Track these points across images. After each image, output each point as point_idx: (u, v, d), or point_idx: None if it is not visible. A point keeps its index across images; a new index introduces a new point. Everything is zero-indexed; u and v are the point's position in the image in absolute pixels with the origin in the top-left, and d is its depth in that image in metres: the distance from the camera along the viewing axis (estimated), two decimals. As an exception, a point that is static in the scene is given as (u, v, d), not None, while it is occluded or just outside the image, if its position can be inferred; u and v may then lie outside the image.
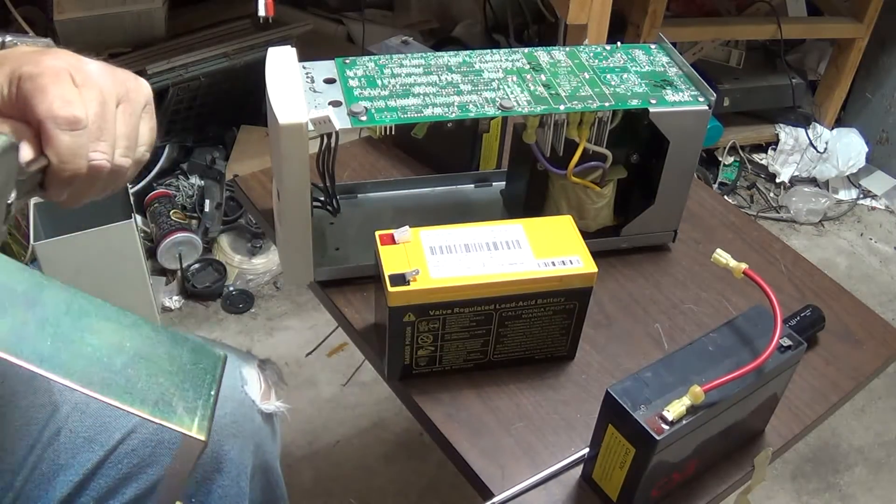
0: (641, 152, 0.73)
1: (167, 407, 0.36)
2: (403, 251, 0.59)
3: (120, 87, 0.48)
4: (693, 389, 0.51)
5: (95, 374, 0.36)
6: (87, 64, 0.48)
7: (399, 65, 0.67)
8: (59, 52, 0.48)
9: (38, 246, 1.28)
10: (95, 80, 0.47)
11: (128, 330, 0.38)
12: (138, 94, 0.50)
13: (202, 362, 0.39)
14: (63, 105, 0.44)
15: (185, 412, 0.37)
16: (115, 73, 0.49)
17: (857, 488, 1.34)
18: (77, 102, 0.45)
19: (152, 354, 0.38)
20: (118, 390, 0.36)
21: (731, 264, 0.59)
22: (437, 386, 0.63)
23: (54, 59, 0.47)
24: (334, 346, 1.43)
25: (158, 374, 0.37)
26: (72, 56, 0.49)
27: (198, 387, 0.38)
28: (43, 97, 0.44)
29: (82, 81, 0.46)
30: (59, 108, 0.44)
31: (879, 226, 1.89)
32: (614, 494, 0.56)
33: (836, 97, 1.93)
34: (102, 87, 0.47)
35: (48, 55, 0.47)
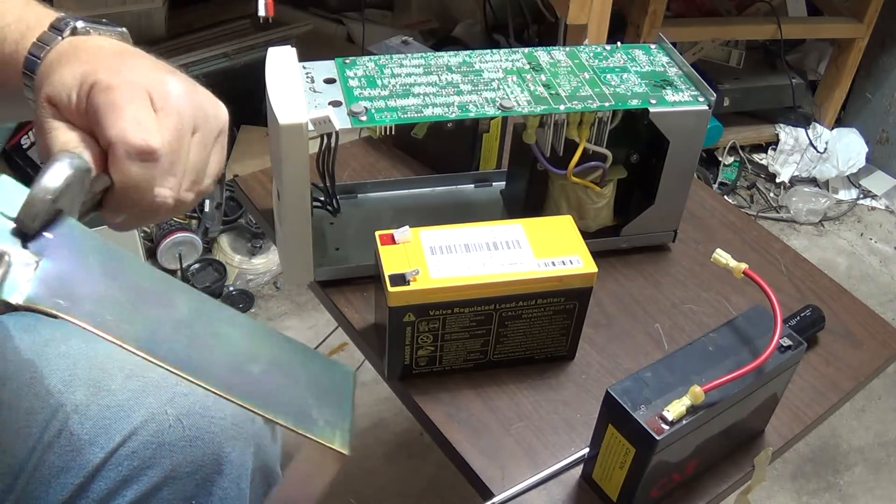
0: (641, 152, 0.73)
1: (308, 419, 0.35)
2: (403, 251, 0.59)
3: (198, 112, 0.45)
4: (693, 389, 0.51)
5: (235, 380, 0.34)
6: (168, 83, 0.44)
7: (399, 65, 0.67)
8: (137, 59, 0.45)
9: (38, 246, 1.28)
10: (175, 104, 0.43)
11: (260, 338, 0.37)
12: (216, 121, 0.46)
13: (335, 376, 0.37)
14: (137, 131, 0.41)
15: (326, 425, 0.35)
16: (196, 94, 0.45)
17: (857, 488, 1.34)
18: (153, 130, 0.41)
19: (287, 365, 0.36)
20: (260, 399, 0.34)
21: (731, 264, 0.59)
22: (437, 386, 0.63)
23: (133, 70, 0.43)
24: (334, 346, 1.43)
25: (295, 385, 0.36)
26: (151, 66, 0.45)
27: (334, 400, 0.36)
28: (116, 118, 0.41)
29: (161, 104, 0.43)
30: (132, 135, 0.41)
31: (879, 226, 1.89)
32: (614, 494, 0.56)
33: (836, 97, 1.93)
34: (181, 112, 0.43)
35: (127, 63, 0.43)
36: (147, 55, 0.46)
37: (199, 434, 0.58)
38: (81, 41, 0.46)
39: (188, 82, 0.45)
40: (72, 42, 0.46)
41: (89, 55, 0.44)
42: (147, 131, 0.41)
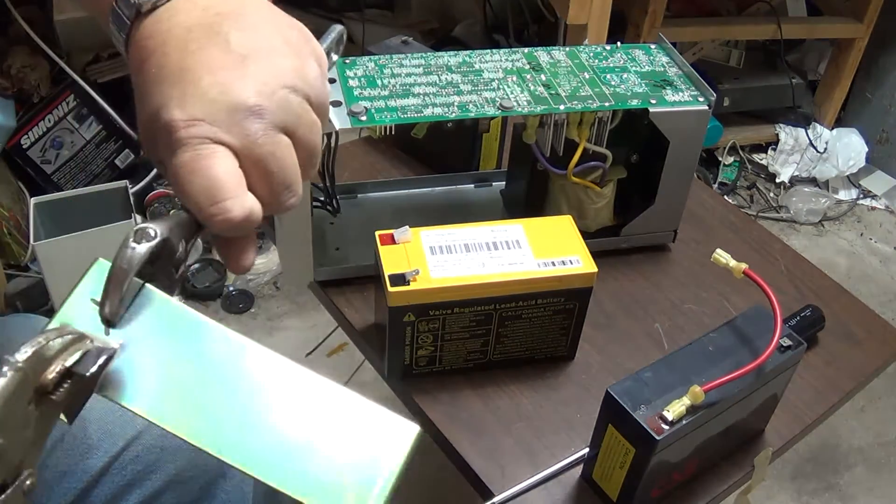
0: (641, 152, 0.73)
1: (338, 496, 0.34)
2: (403, 251, 0.59)
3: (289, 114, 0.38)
4: (693, 389, 0.51)
5: (277, 461, 0.34)
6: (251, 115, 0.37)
7: (399, 65, 0.67)
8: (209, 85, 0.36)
9: (37, 246, 1.28)
10: (263, 149, 0.37)
11: (316, 397, 0.35)
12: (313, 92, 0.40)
13: (392, 435, 0.35)
14: (209, 209, 0.36)
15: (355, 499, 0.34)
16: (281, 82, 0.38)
17: (857, 488, 1.34)
18: (229, 198, 0.36)
19: (339, 428, 0.35)
20: (295, 480, 0.34)
21: (731, 264, 0.59)
22: (437, 386, 0.63)
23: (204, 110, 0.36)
24: (334, 346, 1.43)
25: (339, 454, 0.34)
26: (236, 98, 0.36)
27: (377, 472, 0.35)
28: (184, 195, 0.36)
29: (246, 154, 0.37)
30: (206, 214, 0.36)
31: (879, 226, 1.89)
32: (614, 494, 0.56)
33: (836, 97, 1.93)
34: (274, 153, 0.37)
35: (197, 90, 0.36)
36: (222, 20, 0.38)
37: None
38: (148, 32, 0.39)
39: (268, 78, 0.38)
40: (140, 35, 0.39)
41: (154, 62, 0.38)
42: (220, 203, 0.36)
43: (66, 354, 0.34)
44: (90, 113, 1.58)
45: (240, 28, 0.38)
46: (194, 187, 0.36)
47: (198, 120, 0.36)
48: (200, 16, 0.38)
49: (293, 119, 0.38)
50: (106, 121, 1.60)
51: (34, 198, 1.39)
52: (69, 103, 1.56)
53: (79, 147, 1.59)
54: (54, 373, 0.33)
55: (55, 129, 1.56)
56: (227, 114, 0.36)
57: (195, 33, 0.38)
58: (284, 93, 0.38)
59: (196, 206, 0.37)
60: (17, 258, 1.50)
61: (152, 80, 0.38)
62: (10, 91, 1.52)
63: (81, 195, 1.43)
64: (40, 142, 1.56)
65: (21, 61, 1.53)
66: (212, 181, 0.36)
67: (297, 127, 0.39)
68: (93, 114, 1.58)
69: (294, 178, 0.39)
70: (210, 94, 0.36)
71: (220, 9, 0.39)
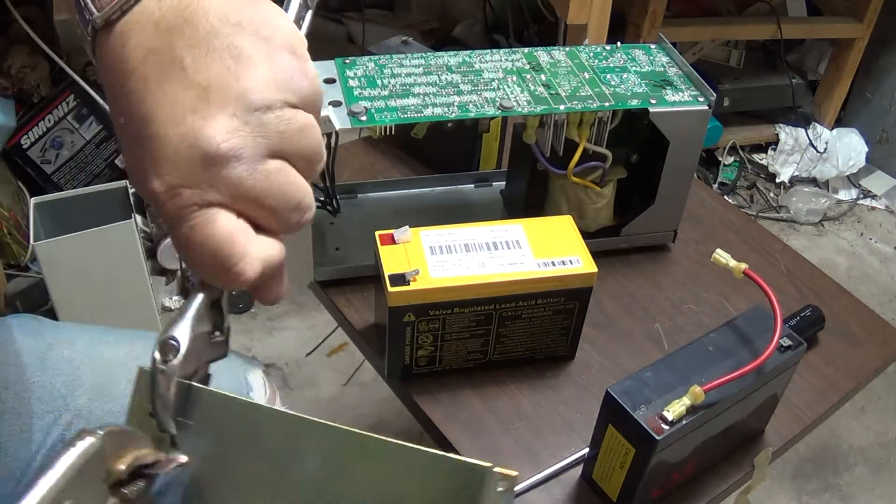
0: (641, 152, 0.73)
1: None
2: (403, 251, 0.59)
3: (286, 141, 0.36)
4: (693, 389, 0.51)
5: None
6: (230, 159, 0.34)
7: (399, 65, 0.67)
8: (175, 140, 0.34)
9: (37, 246, 1.28)
10: (255, 189, 0.35)
11: (387, 466, 0.35)
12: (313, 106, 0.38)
13: (466, 488, 0.34)
14: (224, 277, 0.35)
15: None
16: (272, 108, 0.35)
17: (857, 488, 1.34)
18: (239, 260, 0.35)
19: (416, 494, 0.34)
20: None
21: (731, 264, 0.59)
22: (437, 386, 0.63)
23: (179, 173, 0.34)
24: (334, 346, 1.43)
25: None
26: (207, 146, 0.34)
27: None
28: (196, 268, 0.36)
29: (237, 201, 0.35)
30: (222, 283, 0.36)
31: (879, 226, 1.89)
32: (614, 494, 0.56)
33: (836, 97, 1.93)
34: (266, 188, 0.35)
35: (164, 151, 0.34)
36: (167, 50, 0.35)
37: None
38: (109, 55, 0.36)
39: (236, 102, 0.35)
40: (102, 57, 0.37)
41: (119, 100, 0.35)
42: (232, 267, 0.35)
43: (138, 453, 0.33)
44: (90, 113, 1.58)
45: (194, 44, 0.35)
46: (202, 261, 0.35)
47: (178, 188, 0.34)
48: (153, 34, 0.35)
49: (277, 139, 0.35)
50: (106, 121, 1.59)
51: (34, 198, 1.39)
52: (69, 103, 1.56)
53: (79, 147, 1.59)
54: (126, 464, 0.32)
55: (55, 129, 1.56)
56: (203, 171, 0.34)
57: (151, 64, 0.35)
58: (258, 118, 0.35)
59: (210, 279, 0.36)
60: (17, 258, 1.50)
61: (123, 133, 0.36)
62: (10, 91, 1.52)
63: (81, 195, 1.43)
64: (40, 142, 1.56)
65: (21, 61, 1.53)
66: (215, 250, 0.35)
67: (284, 144, 0.36)
68: (93, 114, 1.58)
69: (299, 195, 0.37)
70: (181, 153, 0.34)
71: (171, 20, 0.35)
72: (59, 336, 0.60)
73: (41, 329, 0.61)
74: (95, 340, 0.61)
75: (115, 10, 0.36)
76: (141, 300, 1.40)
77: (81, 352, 0.59)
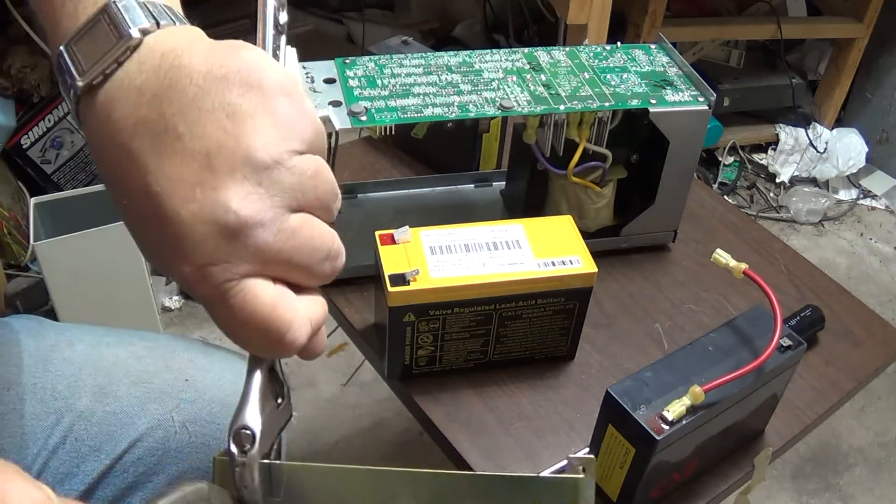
0: (641, 152, 0.73)
1: None
2: (403, 251, 0.59)
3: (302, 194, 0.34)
4: (693, 389, 0.51)
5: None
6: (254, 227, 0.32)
7: (399, 65, 0.67)
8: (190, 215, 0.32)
9: (37, 246, 1.28)
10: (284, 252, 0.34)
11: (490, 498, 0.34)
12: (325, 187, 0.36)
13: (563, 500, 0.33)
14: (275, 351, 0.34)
15: None
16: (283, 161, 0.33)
17: (857, 488, 1.34)
18: (287, 331, 0.34)
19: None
20: None
21: (731, 264, 0.59)
22: (437, 386, 0.63)
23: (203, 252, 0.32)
24: (334, 347, 1.43)
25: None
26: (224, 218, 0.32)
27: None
28: (246, 347, 0.35)
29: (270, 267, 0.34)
30: (275, 356, 0.35)
31: (879, 226, 1.89)
32: (614, 494, 0.56)
33: (836, 97, 1.93)
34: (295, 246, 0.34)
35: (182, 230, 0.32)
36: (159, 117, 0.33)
37: (205, 441, 0.58)
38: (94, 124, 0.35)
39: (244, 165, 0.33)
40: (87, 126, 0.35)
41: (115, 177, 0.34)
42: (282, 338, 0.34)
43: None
44: (90, 113, 1.58)
45: (184, 109, 0.33)
46: (250, 336, 0.34)
47: (206, 266, 0.32)
48: (138, 102, 0.33)
49: (293, 194, 0.34)
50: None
51: (34, 198, 1.39)
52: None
53: (79, 147, 1.59)
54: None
55: (55, 129, 1.56)
56: (227, 244, 0.32)
57: (142, 137, 0.33)
58: (270, 176, 0.33)
59: (262, 351, 0.35)
60: (17, 258, 1.50)
61: (129, 213, 0.34)
62: (10, 91, 1.52)
63: (81, 195, 1.43)
64: (40, 142, 1.56)
65: (21, 61, 1.53)
66: (263, 324, 0.33)
67: (301, 196, 0.34)
68: (93, 114, 1.58)
69: (327, 244, 0.36)
70: (198, 231, 0.32)
71: (154, 86, 0.33)
72: (60, 337, 0.60)
73: (42, 330, 0.61)
74: (97, 341, 0.61)
75: (98, 76, 0.34)
76: (141, 300, 1.40)
77: (83, 353, 0.59)
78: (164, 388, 0.59)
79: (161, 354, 0.61)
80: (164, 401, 0.58)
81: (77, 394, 0.57)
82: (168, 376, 0.59)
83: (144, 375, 0.59)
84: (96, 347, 0.60)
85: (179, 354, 0.61)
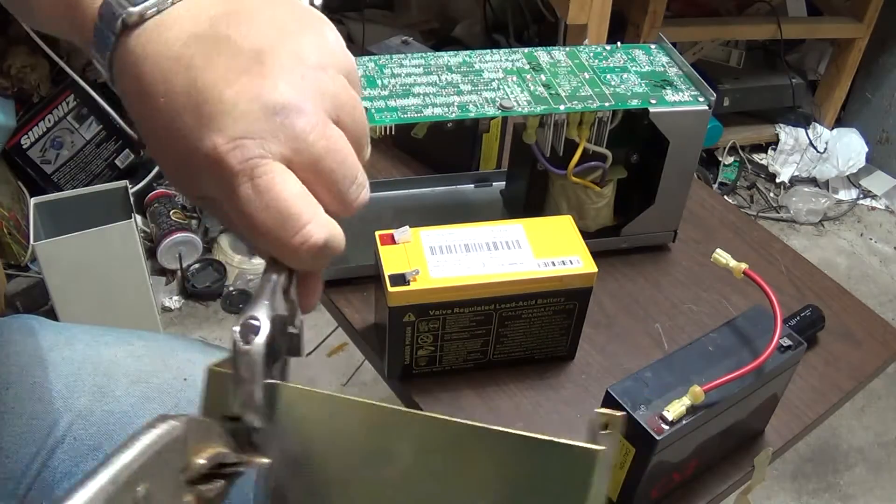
0: (641, 152, 0.73)
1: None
2: (403, 251, 0.59)
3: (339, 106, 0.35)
4: (693, 389, 0.51)
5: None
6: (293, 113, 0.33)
7: (399, 65, 0.67)
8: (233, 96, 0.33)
9: (38, 246, 1.28)
10: (317, 147, 0.33)
11: (491, 456, 0.32)
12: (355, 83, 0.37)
13: (573, 469, 0.32)
14: (291, 241, 0.33)
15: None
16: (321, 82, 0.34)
17: (857, 488, 1.34)
18: (308, 221, 0.33)
19: (522, 484, 0.32)
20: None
21: (731, 264, 0.59)
22: (437, 386, 0.63)
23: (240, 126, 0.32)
24: (334, 346, 1.43)
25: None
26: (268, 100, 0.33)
27: None
28: (261, 235, 0.33)
29: (301, 160, 0.33)
30: (290, 249, 0.33)
31: (879, 226, 1.89)
32: (614, 494, 0.56)
33: (836, 97, 1.93)
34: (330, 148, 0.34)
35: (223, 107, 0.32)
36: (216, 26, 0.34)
37: None
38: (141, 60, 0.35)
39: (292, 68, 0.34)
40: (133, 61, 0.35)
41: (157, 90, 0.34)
42: (302, 229, 0.33)
43: (219, 450, 0.31)
44: (90, 113, 1.58)
45: (239, 22, 0.34)
46: (269, 223, 0.32)
47: (240, 139, 0.32)
48: (192, 25, 0.34)
49: (333, 102, 0.34)
50: (106, 121, 1.60)
51: (34, 198, 1.39)
52: (69, 103, 1.56)
53: (79, 147, 1.59)
54: (206, 458, 0.30)
55: (55, 129, 1.56)
56: (266, 121, 0.33)
57: (193, 47, 0.34)
58: (315, 75, 0.34)
59: (277, 242, 0.33)
60: (17, 258, 1.50)
61: (163, 112, 0.34)
62: (10, 91, 1.52)
63: (81, 195, 1.43)
64: (40, 142, 1.56)
65: (21, 61, 1.53)
66: (284, 210, 0.32)
67: (340, 109, 0.35)
68: (93, 114, 1.58)
69: (356, 168, 0.35)
70: (240, 107, 0.32)
71: (211, 11, 0.35)
72: (59, 336, 0.60)
73: (42, 329, 0.61)
74: (96, 341, 0.61)
75: (152, 7, 0.35)
76: (141, 300, 1.40)
77: (82, 352, 0.59)
78: (164, 387, 0.59)
79: (160, 354, 0.61)
80: (164, 400, 0.58)
81: (76, 393, 0.57)
82: (167, 376, 0.59)
83: (143, 375, 0.59)
84: (95, 347, 0.60)
85: (178, 354, 0.61)
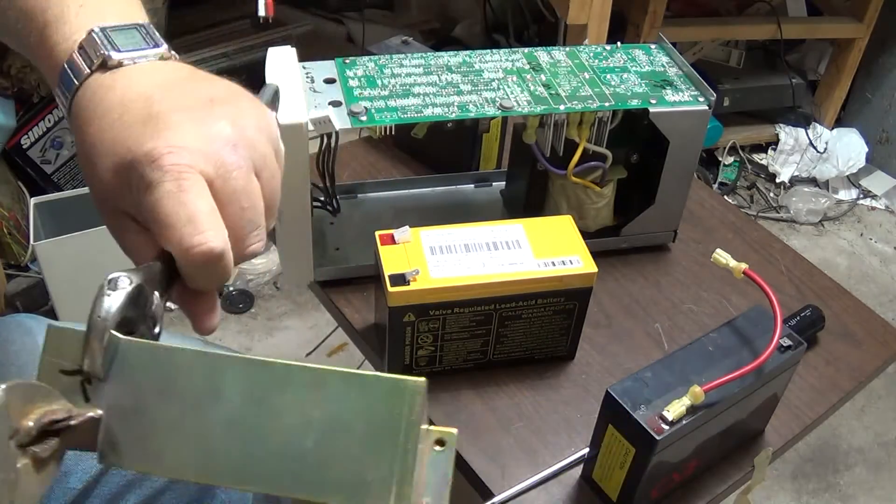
0: (641, 152, 0.73)
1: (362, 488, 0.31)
2: (403, 251, 0.59)
3: (256, 154, 0.39)
4: (693, 389, 0.51)
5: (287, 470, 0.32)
6: (228, 146, 0.38)
7: (399, 65, 0.67)
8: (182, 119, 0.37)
9: (37, 246, 1.28)
10: (238, 182, 0.37)
11: (313, 394, 0.33)
12: (274, 143, 0.42)
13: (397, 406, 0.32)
14: (192, 239, 0.36)
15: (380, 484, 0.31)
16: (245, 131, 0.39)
17: (857, 488, 1.34)
18: (211, 229, 0.36)
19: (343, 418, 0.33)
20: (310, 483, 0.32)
21: (731, 264, 0.59)
22: (437, 386, 0.63)
23: (182, 139, 0.36)
24: (334, 347, 1.43)
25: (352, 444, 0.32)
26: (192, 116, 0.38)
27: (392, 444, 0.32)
28: (168, 227, 0.36)
29: (221, 185, 0.37)
30: (188, 245, 0.36)
31: (879, 226, 1.89)
32: (614, 494, 0.56)
33: (836, 97, 1.93)
34: (247, 188, 0.38)
35: (171, 125, 0.37)
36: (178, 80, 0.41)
37: None
38: (120, 95, 0.39)
39: (236, 118, 0.39)
40: (98, 90, 0.40)
41: (128, 119, 0.38)
42: (202, 232, 0.36)
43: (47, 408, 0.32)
44: (90, 113, 1.58)
45: (198, 80, 0.41)
46: (179, 219, 0.35)
47: (178, 147, 0.36)
48: (159, 77, 0.41)
49: (260, 160, 0.39)
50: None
51: (34, 198, 1.39)
52: (69, 103, 1.55)
53: (79, 147, 1.59)
54: (34, 420, 0.31)
55: (55, 129, 1.56)
56: (203, 144, 0.37)
57: (156, 89, 0.39)
58: (253, 134, 0.39)
59: (178, 239, 0.36)
60: (17, 258, 1.50)
61: (115, 125, 0.38)
62: (10, 91, 1.52)
63: (81, 195, 1.43)
64: (40, 142, 1.56)
65: (21, 61, 1.53)
66: (195, 213, 0.36)
67: (263, 169, 0.40)
68: (93, 114, 1.58)
69: (262, 220, 0.39)
70: (185, 127, 0.37)
71: (176, 73, 0.42)
72: None
73: (42, 329, 0.60)
74: None
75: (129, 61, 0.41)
76: (141, 300, 1.40)
77: None
78: None
79: None
80: None
81: None
82: None
83: None
84: None
85: None
